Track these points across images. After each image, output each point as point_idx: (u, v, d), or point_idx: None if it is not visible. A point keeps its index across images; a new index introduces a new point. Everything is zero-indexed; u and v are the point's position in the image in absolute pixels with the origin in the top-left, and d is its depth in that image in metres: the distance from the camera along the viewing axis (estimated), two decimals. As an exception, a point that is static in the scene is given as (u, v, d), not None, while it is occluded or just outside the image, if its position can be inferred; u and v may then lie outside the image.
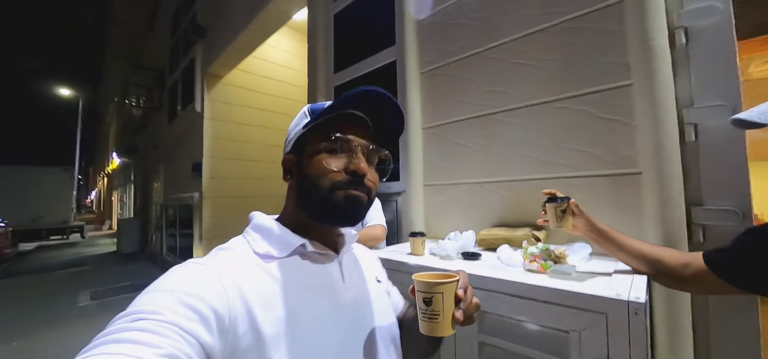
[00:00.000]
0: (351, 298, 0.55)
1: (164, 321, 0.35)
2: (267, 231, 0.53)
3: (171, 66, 6.00)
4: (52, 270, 6.30)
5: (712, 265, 0.73)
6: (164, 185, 6.39)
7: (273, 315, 0.44)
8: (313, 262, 0.53)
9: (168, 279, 0.41)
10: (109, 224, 16.84)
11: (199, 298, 0.39)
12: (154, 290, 0.40)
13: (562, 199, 0.87)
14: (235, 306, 0.42)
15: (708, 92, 0.93)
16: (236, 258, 0.48)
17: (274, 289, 0.47)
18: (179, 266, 0.44)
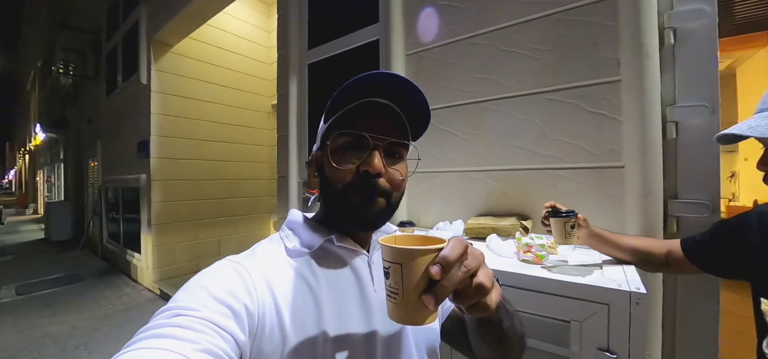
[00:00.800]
0: (380, 302, 0.49)
1: (200, 317, 0.36)
2: (297, 226, 0.53)
3: (108, 30, 5.25)
4: (-40, 261, 5.39)
5: (689, 254, 0.81)
6: (103, 165, 5.68)
7: (298, 314, 0.44)
8: (341, 259, 0.51)
9: (205, 275, 0.42)
10: (34, 207, 14.80)
11: (232, 295, 0.40)
12: (190, 287, 0.41)
13: (568, 213, 0.85)
14: (264, 302, 0.42)
15: (690, 92, 0.99)
16: (269, 255, 0.49)
17: (301, 287, 0.46)
18: (217, 264, 0.45)
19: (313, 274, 0.48)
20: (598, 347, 0.72)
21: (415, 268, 0.33)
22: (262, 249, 0.50)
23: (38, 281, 4.26)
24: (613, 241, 0.92)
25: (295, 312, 0.44)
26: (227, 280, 0.42)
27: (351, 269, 0.51)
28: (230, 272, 0.43)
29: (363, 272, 0.51)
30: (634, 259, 0.89)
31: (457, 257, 0.33)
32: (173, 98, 4.24)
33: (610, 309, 0.71)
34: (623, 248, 0.90)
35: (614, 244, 0.91)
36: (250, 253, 0.49)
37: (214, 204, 4.57)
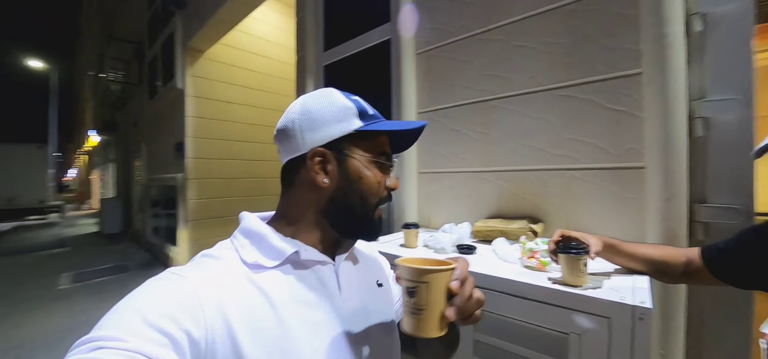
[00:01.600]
0: (349, 311, 0.50)
1: (127, 349, 0.31)
2: (257, 237, 0.47)
3: (150, 39, 5.65)
4: (31, 252, 6.09)
5: (710, 264, 0.73)
6: (147, 164, 6.15)
7: (261, 336, 0.40)
8: (307, 271, 0.48)
9: (140, 295, 0.37)
10: (89, 203, 16.33)
11: (172, 319, 0.35)
12: (122, 309, 0.36)
13: (579, 249, 0.74)
14: (213, 327, 0.37)
15: (722, 85, 0.89)
16: (221, 269, 0.43)
17: (262, 305, 0.42)
18: (155, 279, 0.40)
19: (277, 289, 0.44)
20: (599, 363, 0.67)
21: (439, 286, 0.40)
22: (212, 261, 0.44)
23: (91, 270, 4.70)
24: (625, 251, 0.84)
25: (257, 334, 0.39)
26: (166, 300, 0.36)
27: (318, 280, 0.48)
28: (171, 289, 0.38)
29: (330, 282, 0.50)
30: (649, 270, 0.82)
31: (467, 274, 0.42)
32: (206, 101, 4.49)
33: (611, 323, 0.66)
34: (637, 258, 0.83)
35: (627, 254, 0.84)
36: (197, 265, 0.43)
37: (244, 201, 4.80)
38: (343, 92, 0.52)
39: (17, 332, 2.87)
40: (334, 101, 0.50)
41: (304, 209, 0.50)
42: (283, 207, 0.52)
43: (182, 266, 0.42)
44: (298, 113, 0.50)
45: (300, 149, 0.49)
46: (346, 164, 0.49)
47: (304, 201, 0.50)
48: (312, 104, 0.50)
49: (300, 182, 0.50)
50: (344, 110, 0.50)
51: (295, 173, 0.50)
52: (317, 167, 0.48)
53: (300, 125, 0.49)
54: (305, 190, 0.50)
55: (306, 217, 0.50)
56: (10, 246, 6.68)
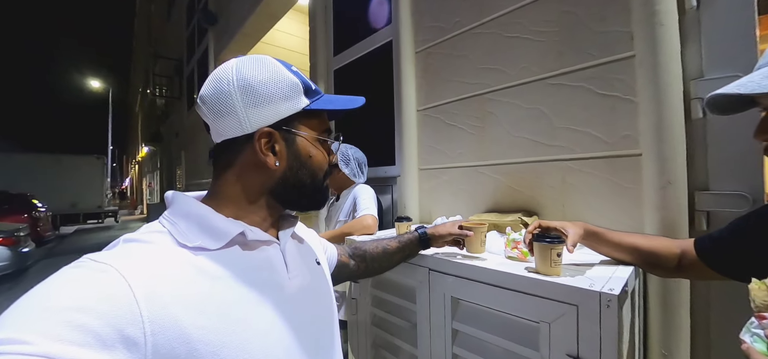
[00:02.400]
0: (295, 288, 0.50)
1: (33, 354, 0.26)
2: (197, 218, 0.43)
3: (188, 55, 6.14)
4: (90, 251, 6.75)
5: (704, 256, 0.68)
6: (186, 171, 6.65)
7: (211, 322, 0.37)
8: (253, 252, 0.46)
9: (51, 286, 0.31)
10: (141, 208, 17.84)
11: (95, 314, 0.29)
12: (28, 304, 0.29)
13: (553, 238, 0.71)
14: (153, 318, 0.33)
15: (721, 62, 0.82)
16: (155, 254, 0.38)
17: (208, 289, 0.39)
18: (70, 268, 0.34)
19: (222, 271, 0.41)
20: (567, 352, 0.65)
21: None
22: (141, 245, 0.39)
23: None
24: (610, 239, 0.80)
25: (204, 318, 0.37)
26: (88, 292, 0.31)
27: (266, 260, 0.47)
28: (94, 279, 0.33)
29: (277, 262, 0.49)
30: (636, 260, 0.77)
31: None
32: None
33: (579, 310, 0.64)
34: (623, 248, 0.78)
35: (612, 243, 0.79)
36: (123, 251, 0.38)
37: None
38: (279, 60, 0.49)
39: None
40: (278, 75, 0.46)
41: (250, 190, 0.48)
42: (221, 187, 0.48)
43: (102, 253, 0.37)
44: (235, 86, 0.44)
45: (243, 128, 0.45)
46: (295, 143, 0.48)
47: (249, 183, 0.48)
48: (252, 75, 0.45)
49: (244, 163, 0.47)
50: (291, 85, 0.47)
51: (236, 154, 0.47)
52: (265, 147, 0.46)
53: (241, 100, 0.44)
54: (250, 171, 0.47)
55: (251, 198, 0.48)
56: (73, 246, 7.47)
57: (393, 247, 0.87)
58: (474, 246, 0.90)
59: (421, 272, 0.93)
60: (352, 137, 1.77)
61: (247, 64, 0.46)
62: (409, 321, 1.01)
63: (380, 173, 1.86)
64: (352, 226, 1.34)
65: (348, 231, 1.31)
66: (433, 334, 0.91)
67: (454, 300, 0.86)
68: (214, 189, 0.49)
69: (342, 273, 0.78)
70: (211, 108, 0.45)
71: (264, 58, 0.48)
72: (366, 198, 1.43)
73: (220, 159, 0.49)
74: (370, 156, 1.66)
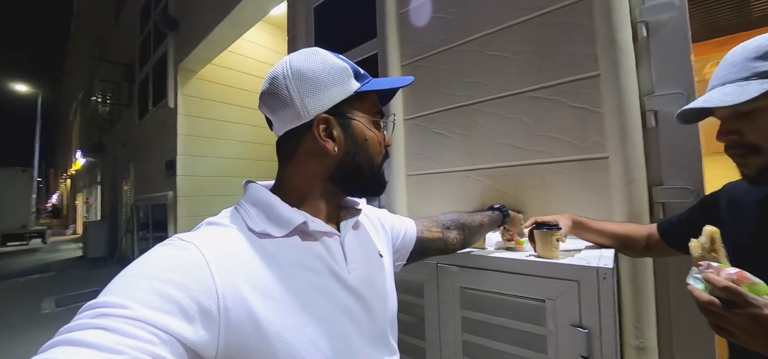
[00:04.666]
0: (355, 280, 0.51)
1: (131, 317, 0.30)
2: (266, 206, 0.47)
3: (141, 60, 5.72)
4: (12, 278, 5.87)
5: (665, 236, 0.83)
6: (135, 185, 6.10)
7: (274, 303, 0.40)
8: (314, 241, 0.48)
9: (146, 261, 0.36)
10: (73, 228, 15.85)
11: (179, 286, 0.34)
12: (129, 275, 0.35)
13: (550, 226, 0.84)
14: (225, 293, 0.36)
15: (666, 82, 1.02)
16: (229, 236, 0.42)
17: (272, 272, 0.42)
18: (161, 245, 0.38)
19: (285, 257, 0.44)
20: (571, 323, 0.75)
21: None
22: (219, 228, 0.43)
23: (74, 294, 4.57)
24: (592, 227, 0.95)
25: (269, 299, 0.39)
26: (174, 267, 0.35)
27: (326, 250, 0.49)
28: (179, 255, 0.37)
29: (337, 253, 0.50)
30: (614, 244, 0.92)
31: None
32: (198, 119, 4.54)
33: (580, 285, 0.75)
34: (603, 234, 0.94)
35: (594, 230, 0.95)
36: (204, 232, 0.43)
37: (235, 219, 4.79)
38: (329, 51, 0.52)
39: (4, 357, 2.78)
40: (328, 62, 0.49)
41: (311, 179, 0.50)
42: (286, 178, 0.51)
43: (189, 233, 0.41)
44: (289, 77, 0.47)
45: (302, 117, 0.47)
46: (351, 128, 0.50)
47: (311, 170, 0.50)
48: (304, 65, 0.47)
49: (305, 151, 0.49)
50: (341, 70, 0.49)
51: (298, 143, 0.49)
52: (324, 134, 0.48)
53: (297, 90, 0.46)
54: (311, 159, 0.49)
55: (313, 185, 0.50)
56: (-11, 274, 6.43)
57: (485, 222, 0.91)
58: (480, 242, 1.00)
59: (429, 267, 1.00)
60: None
61: (298, 57, 0.49)
62: (415, 316, 1.07)
63: (367, 180, 1.91)
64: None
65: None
66: (442, 325, 0.98)
67: (462, 290, 0.94)
68: (279, 179, 0.53)
69: (432, 248, 0.78)
70: (271, 103, 0.49)
71: (314, 49, 0.51)
72: None
73: (283, 151, 0.52)
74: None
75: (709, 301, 0.47)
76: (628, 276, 1.02)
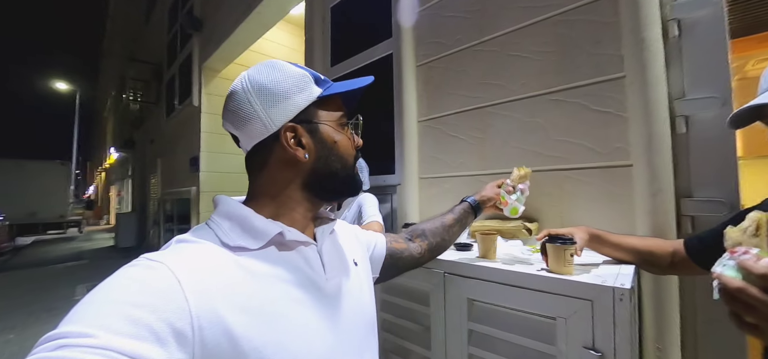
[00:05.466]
0: (333, 289, 0.51)
1: (97, 346, 0.28)
2: (239, 219, 0.45)
3: (169, 60, 5.96)
4: (50, 264, 6.30)
5: (692, 253, 0.77)
6: (162, 180, 6.38)
7: (253, 318, 0.39)
8: (291, 252, 0.48)
9: (111, 284, 0.34)
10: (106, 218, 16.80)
11: (150, 309, 0.32)
12: (93, 300, 0.32)
13: (564, 240, 0.79)
14: (199, 313, 0.35)
15: (699, 84, 0.94)
16: (202, 253, 0.41)
17: (249, 286, 0.41)
18: (128, 266, 0.36)
19: (262, 270, 0.43)
20: (584, 345, 0.71)
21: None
22: (190, 245, 0.42)
23: (106, 282, 4.83)
24: (612, 241, 0.89)
25: (247, 315, 0.38)
26: (143, 290, 0.34)
27: (303, 261, 0.48)
28: (148, 277, 0.35)
29: (315, 262, 0.50)
30: (635, 260, 0.86)
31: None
32: (220, 117, 4.66)
33: (594, 305, 0.70)
34: (623, 249, 0.88)
35: (613, 244, 0.89)
36: (175, 250, 0.41)
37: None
38: (285, 62, 0.51)
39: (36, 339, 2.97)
40: (287, 71, 0.48)
41: (285, 189, 0.49)
42: (259, 190, 0.50)
43: (158, 252, 0.39)
44: (250, 92, 0.47)
45: (268, 128, 0.47)
46: (319, 132, 0.49)
47: (283, 180, 0.49)
48: (264, 78, 0.47)
49: (276, 162, 0.48)
50: (301, 77, 0.49)
51: (268, 155, 0.49)
52: (293, 142, 0.47)
53: (260, 103, 0.46)
54: (283, 169, 0.49)
55: (288, 194, 0.49)
56: (30, 259, 6.92)
57: (450, 220, 0.88)
58: (487, 252, 0.96)
59: (436, 275, 0.97)
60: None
61: (256, 70, 0.49)
62: (421, 325, 1.04)
63: (379, 182, 1.89)
64: (359, 232, 1.36)
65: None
66: (448, 336, 0.95)
67: (469, 301, 0.91)
68: (252, 192, 0.51)
69: (401, 260, 0.77)
70: (234, 119, 0.48)
71: (271, 61, 0.50)
72: (371, 205, 1.46)
73: (253, 164, 0.51)
74: (368, 165, 1.70)
75: (741, 288, 0.42)
76: (650, 294, 0.95)
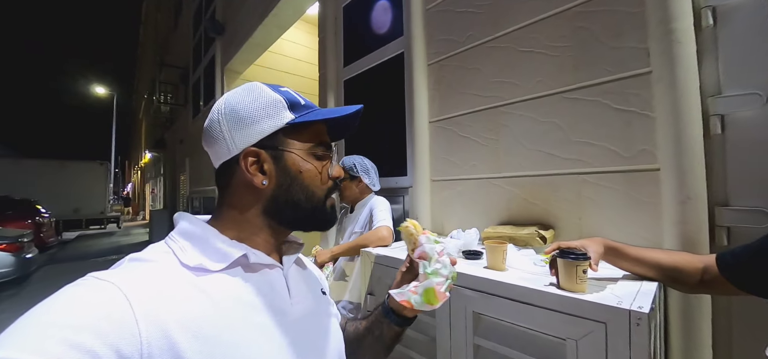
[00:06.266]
0: (298, 314, 0.48)
1: None
2: (199, 239, 0.44)
3: (194, 63, 6.21)
4: (92, 258, 6.77)
5: (724, 269, 0.68)
6: (190, 178, 6.67)
7: (206, 345, 0.36)
8: (255, 275, 0.46)
9: (53, 304, 0.32)
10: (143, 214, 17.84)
11: (95, 333, 0.30)
12: (28, 322, 0.30)
13: (577, 255, 0.72)
14: (150, 339, 0.33)
15: (738, 80, 0.83)
16: (156, 273, 0.38)
17: (207, 311, 0.38)
18: (72, 286, 0.34)
19: (223, 293, 0.41)
20: (596, 370, 0.65)
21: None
22: (144, 264, 0.39)
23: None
24: (631, 255, 0.80)
25: (201, 342, 0.36)
26: (88, 310, 0.31)
27: (267, 284, 0.46)
28: (95, 297, 0.33)
29: (280, 286, 0.48)
30: (658, 276, 0.77)
31: None
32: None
33: (608, 328, 0.64)
34: (644, 264, 0.79)
35: (633, 258, 0.80)
36: (126, 269, 0.38)
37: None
38: (270, 85, 0.49)
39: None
40: (260, 96, 0.47)
41: (246, 211, 0.48)
42: (223, 210, 0.49)
43: (106, 272, 0.37)
44: (222, 113, 0.47)
45: (230, 151, 0.46)
46: (283, 160, 0.47)
47: (244, 203, 0.48)
48: (236, 101, 0.47)
49: (237, 184, 0.47)
50: (272, 102, 0.47)
51: (230, 176, 0.48)
52: (253, 168, 0.46)
53: (227, 125, 0.46)
54: (243, 192, 0.47)
55: (248, 219, 0.48)
56: (75, 253, 7.46)
57: (361, 328, 0.66)
58: (496, 263, 0.91)
59: (441, 285, 0.93)
60: (361, 146, 1.78)
61: (234, 93, 0.48)
62: (427, 335, 1.01)
63: (391, 184, 1.87)
64: (368, 238, 1.34)
65: (363, 243, 1.32)
66: (453, 349, 0.91)
67: (475, 315, 0.86)
68: (217, 212, 0.50)
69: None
70: (206, 138, 0.49)
71: (251, 84, 0.49)
72: (383, 210, 1.44)
73: (219, 182, 0.50)
74: (379, 167, 1.67)
75: None
76: (679, 314, 0.86)
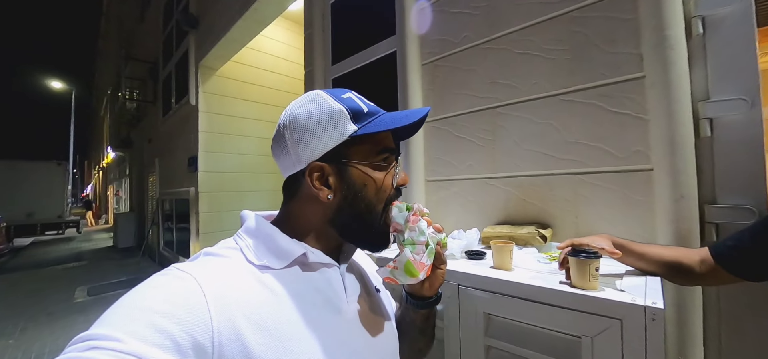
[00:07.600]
0: (354, 312, 0.51)
1: (123, 351, 0.29)
2: (265, 237, 0.46)
3: (164, 58, 5.87)
4: (48, 266, 6.25)
5: (721, 260, 0.73)
6: (160, 179, 6.31)
7: (270, 338, 0.38)
8: (314, 273, 0.48)
9: (143, 291, 0.36)
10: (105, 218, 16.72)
11: (175, 320, 0.33)
12: (122, 306, 0.34)
13: (589, 253, 0.73)
14: (221, 328, 0.35)
15: (726, 86, 0.89)
16: (227, 268, 0.41)
17: (270, 305, 0.41)
18: (159, 275, 0.38)
19: (284, 289, 0.43)
20: (612, 366, 0.67)
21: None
22: (217, 259, 0.43)
23: (106, 283, 4.80)
24: (636, 251, 0.84)
25: (266, 334, 0.38)
26: (170, 300, 0.35)
27: (326, 282, 0.48)
28: (177, 286, 0.36)
29: (337, 284, 0.49)
30: (661, 271, 0.81)
31: None
32: (218, 116, 4.61)
33: (623, 324, 0.66)
34: (648, 259, 0.83)
35: (637, 254, 0.84)
36: (202, 263, 0.42)
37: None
38: (332, 91, 0.49)
39: (36, 345, 2.94)
40: (322, 107, 0.46)
41: (310, 220, 0.49)
42: (288, 214, 0.51)
43: (187, 263, 0.41)
44: (289, 126, 0.47)
45: (296, 165, 0.47)
46: (347, 173, 0.47)
47: (310, 212, 0.49)
48: (299, 113, 0.47)
49: (303, 195, 0.49)
50: (335, 114, 0.46)
51: (297, 187, 0.49)
52: (318, 183, 0.47)
53: (291, 139, 0.47)
54: (310, 203, 0.49)
55: (312, 226, 0.49)
56: (29, 261, 6.86)
57: (398, 316, 0.65)
58: (503, 263, 0.92)
59: (450, 287, 0.93)
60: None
61: (297, 103, 0.49)
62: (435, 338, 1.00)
63: (383, 184, 1.85)
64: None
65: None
66: (463, 350, 0.91)
67: (486, 316, 0.87)
68: (283, 214, 0.52)
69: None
70: (274, 149, 0.50)
71: (314, 92, 0.49)
72: None
73: (287, 191, 0.52)
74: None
75: None
76: (671, 304, 0.91)
